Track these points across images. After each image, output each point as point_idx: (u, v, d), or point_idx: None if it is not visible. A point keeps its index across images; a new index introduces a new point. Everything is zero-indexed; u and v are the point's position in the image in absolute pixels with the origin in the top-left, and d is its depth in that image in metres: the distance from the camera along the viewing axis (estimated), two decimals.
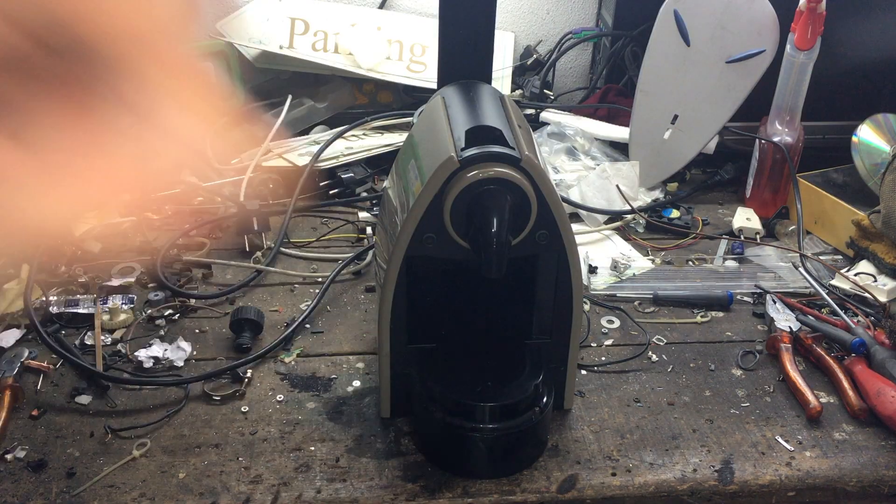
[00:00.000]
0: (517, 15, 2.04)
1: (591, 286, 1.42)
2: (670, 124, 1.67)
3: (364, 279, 1.44)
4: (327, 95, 1.87)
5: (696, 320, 1.36)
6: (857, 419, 1.16)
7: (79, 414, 1.13)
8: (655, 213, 1.62)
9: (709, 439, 1.13)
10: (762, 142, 1.62)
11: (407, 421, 1.13)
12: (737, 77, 1.59)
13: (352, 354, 1.26)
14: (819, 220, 1.57)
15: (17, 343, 1.25)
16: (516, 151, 0.98)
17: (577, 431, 1.13)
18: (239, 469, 1.05)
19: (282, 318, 1.33)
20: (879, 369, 1.20)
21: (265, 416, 1.14)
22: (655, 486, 1.06)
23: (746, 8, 1.56)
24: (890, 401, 1.14)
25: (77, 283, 1.36)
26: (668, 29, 1.61)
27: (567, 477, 1.06)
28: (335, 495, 1.02)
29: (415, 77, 1.89)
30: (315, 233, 1.57)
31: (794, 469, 1.09)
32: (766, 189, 1.64)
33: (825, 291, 1.38)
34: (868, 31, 1.70)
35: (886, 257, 1.43)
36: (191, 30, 0.45)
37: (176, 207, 1.61)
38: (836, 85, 1.72)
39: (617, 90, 1.91)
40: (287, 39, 1.87)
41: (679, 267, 1.49)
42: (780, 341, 1.27)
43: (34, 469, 1.04)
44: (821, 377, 1.24)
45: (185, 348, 1.24)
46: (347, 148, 1.73)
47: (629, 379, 1.23)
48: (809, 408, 1.16)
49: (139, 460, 1.06)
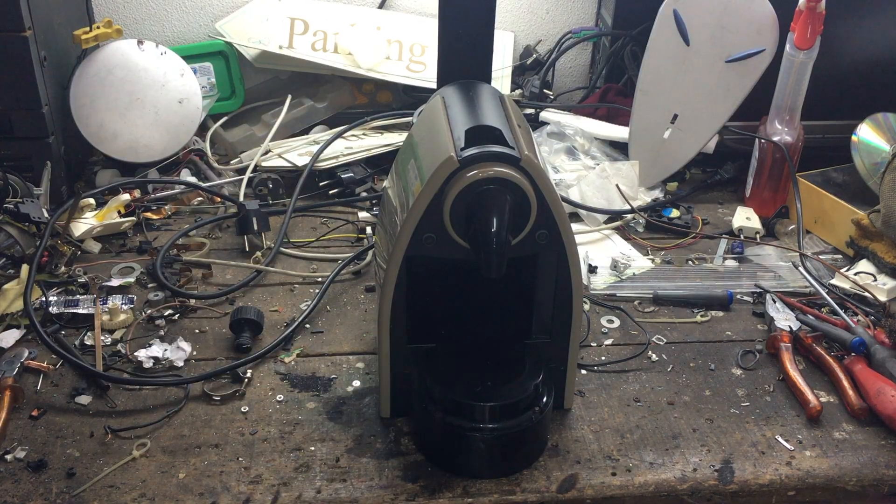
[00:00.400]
0: (517, 14, 2.04)
1: (591, 286, 1.42)
2: (670, 124, 1.67)
3: (364, 279, 1.44)
4: (327, 95, 1.87)
5: (695, 320, 1.36)
6: (857, 419, 1.16)
7: (79, 414, 1.13)
8: (655, 213, 1.62)
9: (709, 439, 1.13)
10: (762, 141, 1.62)
11: (407, 421, 1.13)
12: (736, 76, 1.60)
13: (352, 354, 1.26)
14: (819, 220, 1.57)
15: (17, 343, 1.25)
16: (516, 151, 0.98)
17: (577, 431, 1.13)
18: (239, 469, 1.05)
19: (282, 318, 1.33)
20: (879, 368, 1.20)
21: (265, 416, 1.14)
22: (655, 486, 1.06)
23: (746, 7, 1.56)
24: (890, 400, 1.14)
25: (77, 283, 1.36)
26: (667, 28, 1.61)
27: (567, 477, 1.06)
28: (335, 495, 1.02)
29: (414, 77, 1.89)
30: (315, 233, 1.57)
31: (795, 468, 1.09)
32: (765, 188, 1.64)
33: (825, 291, 1.38)
34: (867, 31, 1.70)
35: (886, 256, 1.43)
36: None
37: (175, 207, 1.62)
38: (836, 84, 1.72)
39: (616, 90, 1.91)
40: (286, 39, 1.87)
41: (679, 266, 1.49)
42: (780, 340, 1.27)
43: (34, 469, 1.04)
44: (821, 377, 1.24)
45: (184, 348, 1.24)
46: (347, 148, 1.73)
47: (629, 378, 1.23)
48: (809, 407, 1.16)
49: (139, 460, 1.06)
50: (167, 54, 1.69)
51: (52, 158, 1.55)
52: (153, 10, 1.94)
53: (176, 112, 1.69)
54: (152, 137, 1.67)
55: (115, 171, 1.68)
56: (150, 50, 1.67)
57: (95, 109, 1.63)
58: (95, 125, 1.63)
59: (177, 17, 1.95)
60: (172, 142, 1.69)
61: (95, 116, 1.63)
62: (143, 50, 1.66)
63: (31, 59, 1.49)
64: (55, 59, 1.58)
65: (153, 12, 1.94)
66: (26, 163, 1.54)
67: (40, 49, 1.52)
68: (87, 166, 1.74)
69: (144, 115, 1.66)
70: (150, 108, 1.66)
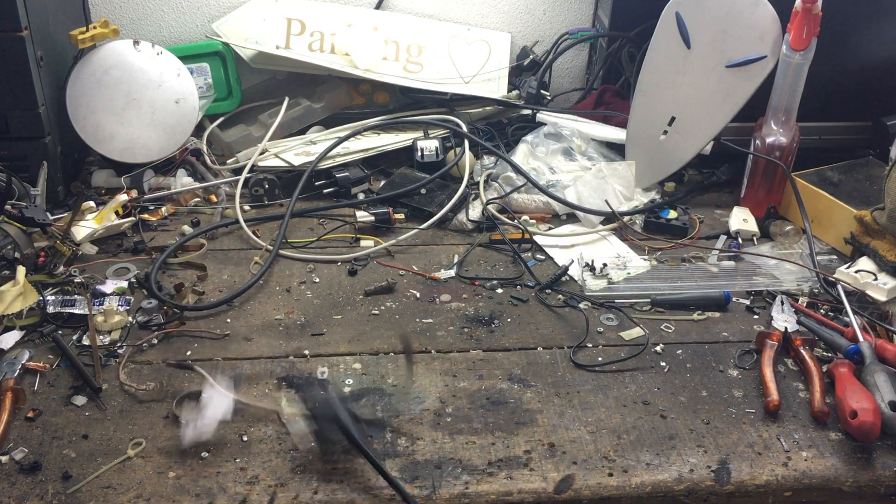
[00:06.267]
0: (514, 16, 2.04)
1: (587, 287, 1.42)
2: (667, 126, 1.67)
3: (361, 281, 1.44)
4: (324, 96, 1.87)
5: (692, 318, 1.36)
6: (818, 421, 1.15)
7: (74, 415, 1.13)
8: (653, 214, 1.62)
9: (705, 439, 1.13)
10: (757, 142, 1.62)
11: (399, 422, 1.13)
12: (736, 82, 1.59)
13: (349, 355, 1.26)
14: (815, 219, 1.57)
15: (16, 345, 1.25)
16: None
17: (573, 431, 1.13)
18: (235, 470, 1.05)
19: (281, 320, 1.33)
20: (863, 378, 1.19)
21: (262, 417, 1.14)
22: (652, 487, 1.06)
23: (749, 13, 1.55)
24: (847, 405, 1.13)
25: (73, 284, 1.36)
26: (669, 31, 1.61)
27: (564, 477, 1.06)
28: (332, 496, 1.02)
29: (411, 77, 1.89)
30: (312, 233, 1.57)
31: (791, 469, 1.09)
32: (760, 189, 1.64)
33: (846, 299, 1.37)
34: (866, 33, 1.70)
35: (888, 255, 1.42)
36: None
37: (173, 208, 1.61)
38: (833, 86, 1.72)
39: (613, 91, 1.92)
40: (283, 40, 1.87)
41: (676, 266, 1.49)
42: (768, 338, 1.27)
43: (30, 470, 1.03)
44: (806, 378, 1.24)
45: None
46: (344, 148, 1.73)
47: (626, 379, 1.23)
48: (767, 400, 1.17)
49: (135, 461, 1.06)
50: (164, 54, 1.69)
51: (48, 158, 1.55)
52: (150, 11, 1.93)
53: (172, 112, 1.68)
54: (149, 138, 1.67)
55: (111, 172, 1.68)
56: (147, 50, 1.67)
57: (92, 109, 1.62)
58: (92, 125, 1.63)
59: (173, 17, 1.95)
60: (169, 142, 1.69)
61: (92, 117, 1.62)
62: (140, 50, 1.66)
63: (27, 59, 1.48)
64: (52, 58, 1.58)
65: (150, 12, 1.94)
66: (22, 163, 1.54)
67: (37, 49, 1.51)
68: (83, 166, 1.74)
69: (141, 115, 1.65)
70: (146, 109, 1.66)
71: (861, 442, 1.12)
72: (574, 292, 1.41)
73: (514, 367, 1.24)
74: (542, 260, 1.51)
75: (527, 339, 1.30)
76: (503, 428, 1.13)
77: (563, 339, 1.30)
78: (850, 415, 1.11)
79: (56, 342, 1.23)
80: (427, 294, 1.40)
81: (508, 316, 1.35)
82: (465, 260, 1.50)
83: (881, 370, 1.19)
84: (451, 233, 1.59)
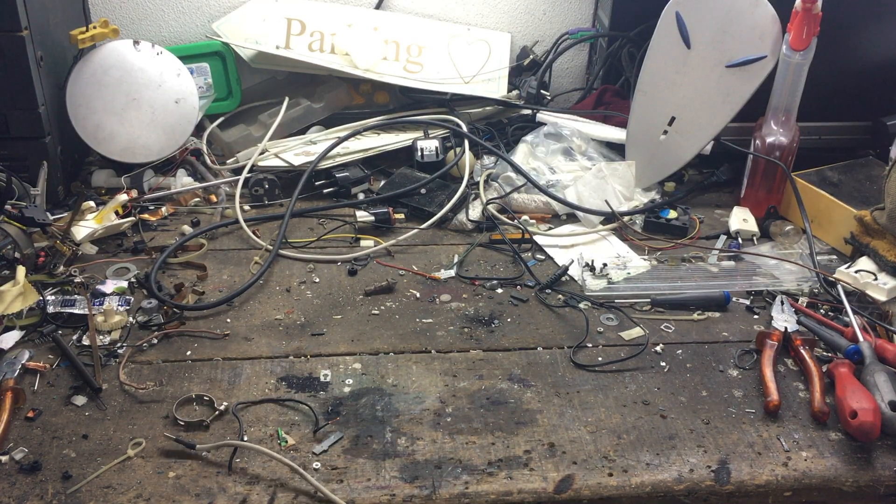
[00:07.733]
0: (514, 16, 2.04)
1: (587, 287, 1.42)
2: (667, 126, 1.67)
3: (361, 281, 1.44)
4: (324, 96, 1.87)
5: (692, 318, 1.36)
6: (818, 420, 1.15)
7: (74, 415, 1.13)
8: (653, 214, 1.62)
9: (705, 439, 1.13)
10: (757, 142, 1.62)
11: (399, 422, 1.13)
12: (736, 82, 1.59)
13: (349, 355, 1.26)
14: (815, 219, 1.57)
15: (16, 345, 1.25)
16: None
17: (573, 431, 1.13)
18: (235, 470, 1.05)
19: (281, 320, 1.33)
20: (865, 379, 1.19)
21: (262, 417, 1.14)
22: (652, 487, 1.06)
23: (749, 13, 1.55)
24: (847, 405, 1.13)
25: (73, 284, 1.36)
26: (669, 30, 1.61)
27: (564, 477, 1.06)
28: (332, 496, 1.02)
29: (411, 77, 1.89)
30: (312, 233, 1.57)
31: (791, 469, 1.09)
32: (760, 189, 1.64)
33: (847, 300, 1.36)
34: (866, 33, 1.70)
35: (888, 254, 1.43)
36: None
37: (173, 208, 1.62)
38: (833, 86, 1.72)
39: (613, 91, 1.92)
40: (283, 40, 1.87)
41: (675, 266, 1.49)
42: (768, 338, 1.27)
43: (30, 470, 1.03)
44: (806, 378, 1.24)
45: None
46: (344, 148, 1.73)
47: (626, 379, 1.23)
48: (767, 400, 1.17)
49: (135, 461, 1.06)
50: (163, 54, 1.69)
51: (48, 158, 1.55)
52: (149, 11, 1.94)
53: (172, 112, 1.68)
54: (149, 138, 1.67)
55: (111, 172, 1.68)
56: (147, 50, 1.67)
57: (92, 109, 1.62)
58: (92, 125, 1.63)
59: (173, 17, 1.95)
60: (169, 142, 1.69)
61: (92, 117, 1.63)
62: (140, 50, 1.66)
63: (27, 59, 1.48)
64: (52, 58, 1.58)
65: (149, 12, 1.94)
66: (22, 163, 1.54)
67: (37, 49, 1.51)
68: (83, 166, 1.74)
69: (141, 115, 1.65)
70: (146, 109, 1.66)
71: (861, 442, 1.12)
72: (574, 292, 1.41)
73: (514, 367, 1.24)
74: (542, 260, 1.51)
75: (527, 339, 1.30)
76: (503, 428, 1.13)
77: (563, 339, 1.30)
78: (850, 415, 1.12)
79: (56, 342, 1.24)
80: (427, 294, 1.40)
81: (508, 316, 1.35)
82: (465, 260, 1.50)
83: (881, 370, 1.19)
84: (451, 233, 1.59)
